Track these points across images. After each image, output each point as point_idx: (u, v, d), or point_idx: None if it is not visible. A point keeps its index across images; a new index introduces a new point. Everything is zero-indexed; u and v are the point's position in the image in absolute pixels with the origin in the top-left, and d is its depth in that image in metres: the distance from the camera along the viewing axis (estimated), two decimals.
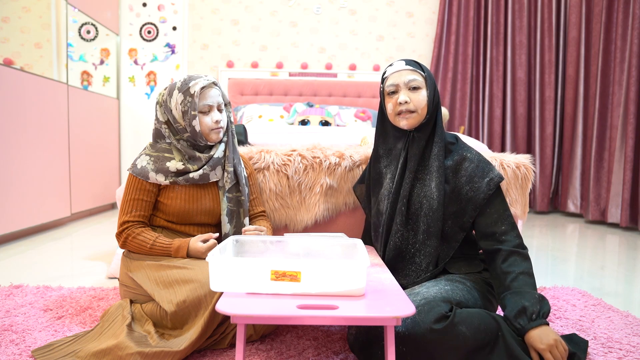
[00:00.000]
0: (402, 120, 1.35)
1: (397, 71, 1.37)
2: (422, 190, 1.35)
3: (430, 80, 1.37)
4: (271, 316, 0.95)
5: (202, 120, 1.46)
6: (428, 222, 1.32)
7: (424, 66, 1.39)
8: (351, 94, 4.21)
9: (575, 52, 4.20)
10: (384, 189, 1.42)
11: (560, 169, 4.39)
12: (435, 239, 1.32)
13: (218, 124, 1.48)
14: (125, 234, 1.43)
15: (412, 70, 1.36)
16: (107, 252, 2.55)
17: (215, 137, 1.49)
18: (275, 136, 2.20)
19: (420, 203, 1.34)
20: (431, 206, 1.32)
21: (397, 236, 1.35)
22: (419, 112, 1.34)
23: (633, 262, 2.56)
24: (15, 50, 3.14)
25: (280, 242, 1.29)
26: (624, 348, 1.35)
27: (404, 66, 1.37)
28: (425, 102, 1.34)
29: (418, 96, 1.34)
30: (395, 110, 1.36)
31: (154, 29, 4.34)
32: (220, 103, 1.50)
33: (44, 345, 1.28)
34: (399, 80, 1.35)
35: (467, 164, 1.34)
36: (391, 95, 1.38)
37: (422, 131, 1.36)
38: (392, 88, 1.37)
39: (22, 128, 2.82)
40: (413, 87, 1.34)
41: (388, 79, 1.38)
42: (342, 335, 1.42)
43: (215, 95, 1.49)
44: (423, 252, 1.34)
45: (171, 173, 1.45)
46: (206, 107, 1.46)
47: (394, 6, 4.46)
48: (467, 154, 1.37)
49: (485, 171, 1.33)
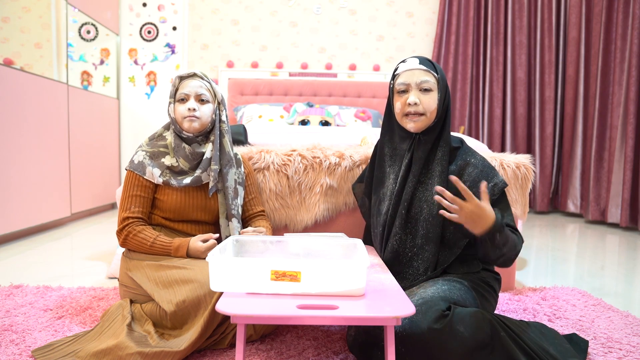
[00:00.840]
0: (410, 122, 1.31)
1: (409, 70, 1.32)
2: (423, 195, 1.32)
3: (443, 82, 1.32)
4: (271, 316, 0.95)
5: (177, 108, 1.50)
6: (427, 227, 1.30)
7: (438, 66, 1.35)
8: (351, 94, 4.21)
9: (575, 52, 4.20)
10: (386, 189, 1.41)
11: (560, 169, 4.39)
12: (434, 245, 1.30)
13: (191, 112, 1.48)
14: (125, 231, 1.43)
15: (426, 71, 1.31)
16: (107, 252, 2.55)
17: (187, 125, 1.48)
18: (275, 136, 2.20)
19: (420, 207, 1.32)
20: (431, 211, 1.30)
21: (395, 239, 1.34)
22: (428, 116, 1.31)
23: (633, 262, 2.56)
24: (15, 50, 3.14)
25: (280, 242, 1.29)
26: (624, 348, 1.35)
27: (417, 65, 1.32)
28: (435, 105, 1.30)
29: (429, 99, 1.30)
30: (403, 110, 1.32)
31: (154, 29, 4.34)
32: (201, 94, 1.50)
33: (44, 345, 1.28)
34: (410, 79, 1.31)
35: (470, 169, 1.32)
36: (401, 94, 1.33)
37: (428, 134, 1.33)
38: (402, 87, 1.32)
39: (22, 128, 2.82)
40: (424, 88, 1.30)
41: (399, 76, 1.34)
42: (342, 335, 1.42)
43: (195, 85, 1.50)
44: (421, 256, 1.32)
45: (166, 168, 1.48)
46: (182, 95, 1.49)
47: (394, 6, 4.46)
48: (472, 159, 1.34)
49: (489, 177, 1.30)
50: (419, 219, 1.32)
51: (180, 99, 1.50)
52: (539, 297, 1.81)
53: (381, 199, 1.42)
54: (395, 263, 1.35)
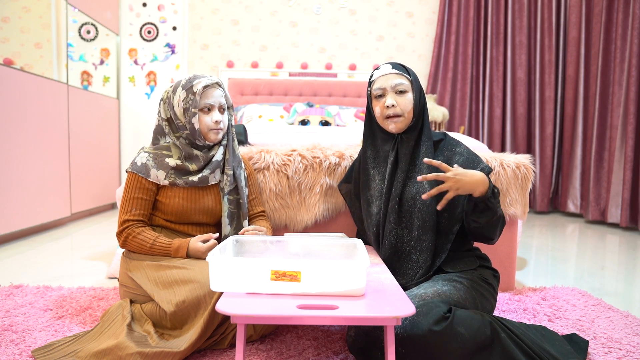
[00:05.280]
0: (390, 124, 1.39)
1: (384, 75, 1.40)
2: (414, 188, 1.36)
3: (416, 84, 1.40)
4: (271, 316, 0.95)
5: (201, 119, 1.47)
6: (423, 217, 1.34)
7: (410, 69, 1.43)
8: (351, 94, 4.21)
9: (575, 52, 4.20)
10: (373, 190, 1.44)
11: (560, 169, 4.39)
12: (432, 233, 1.34)
13: (218, 124, 1.48)
14: (125, 233, 1.43)
15: (399, 74, 1.39)
16: (107, 252, 2.55)
17: (213, 137, 1.50)
18: (275, 136, 2.20)
19: (413, 200, 1.36)
20: (424, 202, 1.34)
21: (391, 235, 1.37)
22: (406, 116, 1.38)
23: (633, 262, 2.56)
24: (15, 50, 3.13)
25: (280, 242, 1.29)
26: (624, 348, 1.35)
27: (390, 70, 1.40)
28: (411, 105, 1.38)
29: (404, 100, 1.37)
30: (383, 113, 1.39)
31: (154, 29, 4.34)
32: (222, 104, 1.51)
33: (44, 345, 1.28)
34: (385, 84, 1.39)
35: (457, 157, 1.38)
36: (378, 98, 1.41)
37: (410, 133, 1.40)
38: (379, 91, 1.40)
39: (22, 128, 2.82)
40: (399, 90, 1.38)
41: (375, 82, 1.41)
42: (342, 335, 1.42)
43: (218, 95, 1.49)
44: (419, 248, 1.34)
45: (171, 169, 1.46)
46: (207, 105, 1.47)
47: (394, 6, 4.46)
48: (457, 148, 1.40)
49: (475, 162, 1.35)
50: (414, 211, 1.35)
51: (205, 109, 1.47)
52: (539, 297, 1.81)
53: (370, 201, 1.45)
54: (394, 260, 1.37)
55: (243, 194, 1.56)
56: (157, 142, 1.55)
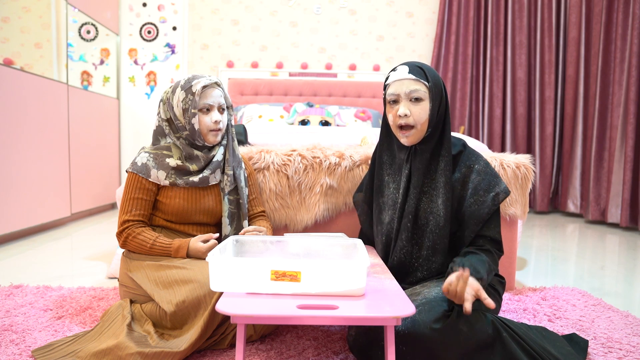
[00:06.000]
0: (403, 137, 1.30)
1: (399, 80, 1.29)
2: (428, 206, 1.30)
3: (436, 90, 1.28)
4: (271, 316, 0.95)
5: (201, 119, 1.46)
6: (434, 238, 1.29)
7: (431, 74, 1.29)
8: (351, 94, 4.21)
9: (575, 52, 4.20)
10: (386, 198, 1.39)
11: (560, 169, 4.39)
12: (441, 256, 1.30)
13: (217, 124, 1.48)
14: (125, 234, 1.43)
15: (415, 80, 1.27)
16: (107, 252, 2.55)
17: (212, 139, 1.49)
18: (275, 136, 2.20)
19: (426, 219, 1.30)
20: (438, 223, 1.29)
21: (402, 252, 1.33)
22: (419, 128, 1.28)
23: (633, 262, 2.56)
24: (15, 50, 3.13)
25: (280, 242, 1.29)
26: (624, 348, 1.35)
27: (406, 74, 1.28)
28: (426, 116, 1.27)
29: (419, 109, 1.27)
30: (395, 122, 1.30)
31: (154, 29, 4.34)
32: (221, 104, 1.51)
33: (44, 345, 1.28)
34: (400, 89, 1.28)
35: (474, 176, 1.30)
36: (392, 105, 1.31)
37: (425, 144, 1.31)
38: (392, 97, 1.30)
39: (22, 128, 2.82)
40: (415, 97, 1.27)
41: (389, 86, 1.31)
42: (342, 335, 1.42)
43: (217, 95, 1.49)
44: (426, 267, 1.32)
45: (171, 169, 1.46)
46: (206, 106, 1.46)
47: (394, 6, 4.46)
48: (475, 164, 1.31)
49: (491, 185, 1.28)
50: (425, 231, 1.31)
51: (204, 109, 1.47)
52: (539, 297, 1.81)
53: (381, 208, 1.41)
54: (401, 272, 1.35)
55: (243, 194, 1.56)
56: (157, 143, 1.55)
